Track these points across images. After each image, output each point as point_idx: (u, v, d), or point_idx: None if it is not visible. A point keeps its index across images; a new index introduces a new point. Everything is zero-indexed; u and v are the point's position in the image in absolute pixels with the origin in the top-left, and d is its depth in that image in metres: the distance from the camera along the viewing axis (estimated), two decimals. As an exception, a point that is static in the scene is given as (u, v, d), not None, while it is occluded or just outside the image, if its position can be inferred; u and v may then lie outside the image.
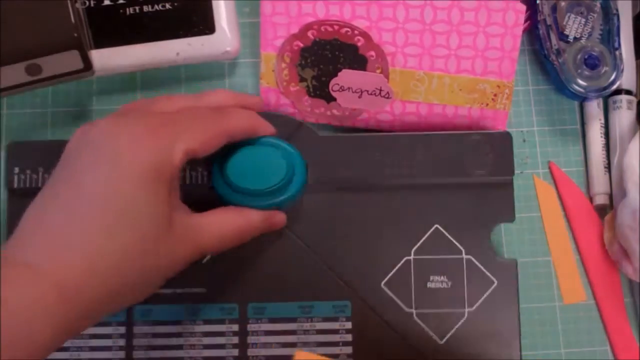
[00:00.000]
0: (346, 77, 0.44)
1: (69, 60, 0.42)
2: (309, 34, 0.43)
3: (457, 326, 0.42)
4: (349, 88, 0.45)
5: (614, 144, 0.48)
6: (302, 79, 0.46)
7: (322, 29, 0.43)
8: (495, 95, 0.45)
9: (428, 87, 0.45)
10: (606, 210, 0.48)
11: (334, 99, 0.45)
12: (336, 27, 0.44)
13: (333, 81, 0.45)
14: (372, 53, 0.44)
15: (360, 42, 0.44)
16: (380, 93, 0.45)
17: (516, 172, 0.48)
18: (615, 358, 0.45)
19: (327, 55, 0.44)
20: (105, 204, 0.32)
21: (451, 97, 0.46)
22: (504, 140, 0.43)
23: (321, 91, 0.46)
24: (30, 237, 0.32)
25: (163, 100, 0.38)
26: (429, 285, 0.42)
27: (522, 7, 0.44)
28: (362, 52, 0.44)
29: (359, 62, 0.45)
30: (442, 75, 0.45)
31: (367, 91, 0.45)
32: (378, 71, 0.45)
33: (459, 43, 0.44)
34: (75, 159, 0.33)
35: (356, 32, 0.44)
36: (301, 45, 0.44)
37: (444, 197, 0.43)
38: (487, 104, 0.46)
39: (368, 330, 0.42)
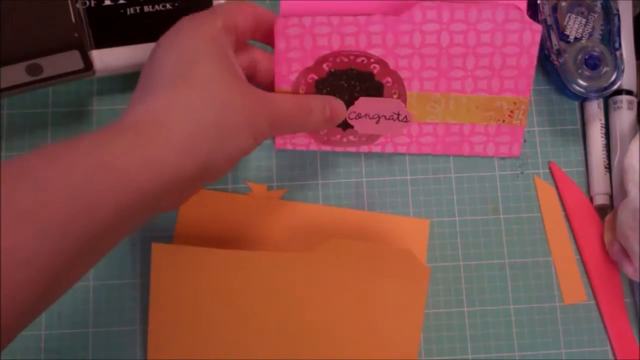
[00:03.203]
0: (363, 104, 0.44)
1: (69, 60, 0.42)
2: (324, 66, 0.43)
3: None
4: (366, 115, 0.44)
5: (615, 145, 0.48)
6: None
7: (338, 60, 0.43)
8: (511, 111, 0.46)
9: (445, 108, 0.45)
10: (606, 211, 0.48)
11: (351, 126, 0.45)
12: (352, 57, 0.43)
13: (350, 109, 0.44)
14: (389, 79, 0.44)
15: (376, 69, 0.43)
16: (398, 117, 0.45)
17: (516, 172, 0.48)
18: (616, 358, 0.45)
19: (343, 85, 0.44)
20: (178, 69, 0.35)
21: (468, 116, 0.46)
22: None
23: None
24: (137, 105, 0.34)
25: None
26: None
27: (539, 27, 0.43)
28: (378, 78, 0.44)
29: (375, 89, 0.44)
30: (459, 96, 0.45)
31: (385, 116, 0.44)
32: (395, 96, 0.44)
33: (475, 64, 0.44)
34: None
35: (372, 60, 0.43)
36: (316, 77, 0.43)
37: None
38: (504, 120, 0.46)
39: None
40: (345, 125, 0.45)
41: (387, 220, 0.47)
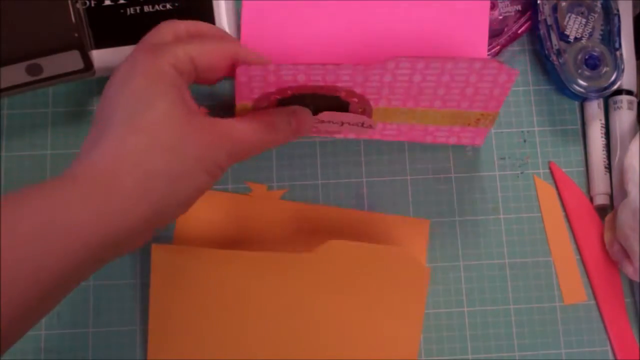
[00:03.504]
0: (327, 116, 0.43)
1: (70, 60, 0.42)
2: (288, 90, 0.40)
3: None
4: (329, 121, 0.44)
5: (615, 145, 0.48)
6: None
7: (302, 87, 0.40)
8: (478, 120, 0.44)
9: (412, 116, 0.44)
10: (607, 211, 0.48)
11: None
12: (317, 87, 0.40)
13: (313, 118, 0.43)
14: (355, 99, 0.42)
15: (342, 93, 0.41)
16: (362, 125, 0.44)
17: (516, 172, 0.48)
18: (616, 358, 0.45)
19: (307, 103, 0.42)
20: (124, 107, 0.34)
21: (433, 121, 0.45)
22: None
23: None
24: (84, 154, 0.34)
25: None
26: None
27: (515, 72, 0.40)
28: (344, 98, 0.42)
29: (340, 107, 0.43)
30: (427, 110, 0.44)
31: (349, 123, 0.44)
32: (360, 111, 0.43)
33: (445, 92, 0.42)
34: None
35: (339, 88, 0.41)
36: (278, 97, 0.41)
37: None
38: (470, 124, 0.45)
39: None
40: None
41: (387, 221, 0.47)
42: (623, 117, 0.48)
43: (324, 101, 0.42)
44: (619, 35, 0.47)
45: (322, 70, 0.39)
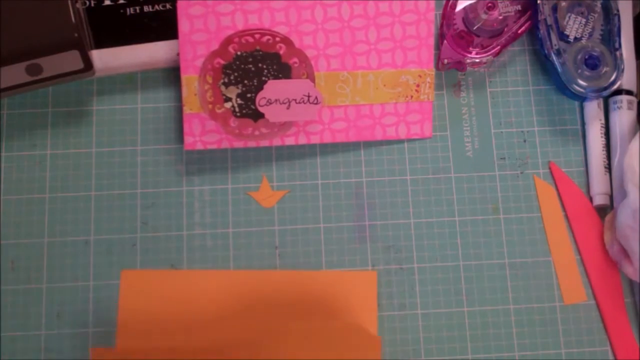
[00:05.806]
0: (272, 88, 0.44)
1: (69, 60, 0.42)
2: (230, 48, 0.42)
3: None
4: (276, 100, 0.44)
5: (615, 144, 0.48)
6: (227, 99, 0.44)
7: (243, 40, 0.42)
8: (418, 85, 0.46)
9: (353, 87, 0.45)
10: (606, 211, 0.48)
11: (262, 116, 0.45)
12: (257, 36, 0.43)
13: (259, 95, 0.44)
14: (296, 60, 0.44)
15: (282, 49, 0.43)
16: (308, 99, 0.44)
17: (516, 172, 0.48)
18: (616, 358, 0.45)
19: (251, 69, 0.43)
20: None
21: (376, 95, 0.46)
22: None
23: (247, 109, 0.45)
24: None
25: None
26: None
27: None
28: (285, 60, 0.44)
29: (283, 72, 0.44)
30: (365, 72, 0.46)
31: (295, 100, 0.44)
32: (304, 77, 0.44)
33: (377, 36, 0.45)
34: None
35: (277, 39, 0.43)
36: (222, 62, 0.42)
37: None
38: (412, 97, 0.46)
39: None
40: (256, 116, 0.45)
41: (333, 276, 0.46)
42: (623, 117, 0.48)
43: (266, 63, 0.43)
44: (619, 35, 0.47)
45: (257, 2, 0.42)
